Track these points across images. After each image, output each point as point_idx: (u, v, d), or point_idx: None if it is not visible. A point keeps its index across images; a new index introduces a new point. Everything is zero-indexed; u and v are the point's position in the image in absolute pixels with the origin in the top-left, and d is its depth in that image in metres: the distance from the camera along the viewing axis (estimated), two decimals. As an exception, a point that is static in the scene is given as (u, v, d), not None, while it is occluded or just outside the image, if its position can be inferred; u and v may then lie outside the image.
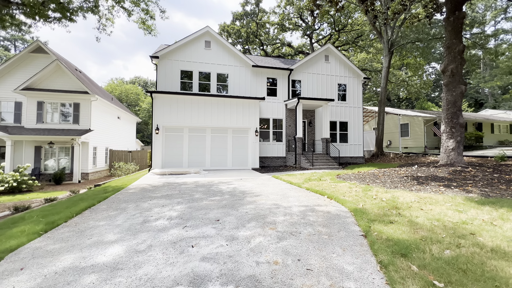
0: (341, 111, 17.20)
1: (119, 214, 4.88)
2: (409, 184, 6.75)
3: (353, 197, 5.65)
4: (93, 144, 16.50)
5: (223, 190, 7.21)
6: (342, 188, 6.82)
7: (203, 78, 14.90)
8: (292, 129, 16.06)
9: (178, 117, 12.94)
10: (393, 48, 17.93)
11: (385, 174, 8.94)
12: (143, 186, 8.41)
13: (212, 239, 3.40)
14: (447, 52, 9.33)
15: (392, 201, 5.04)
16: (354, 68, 17.43)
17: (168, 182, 9.02)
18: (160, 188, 7.88)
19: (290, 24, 27.48)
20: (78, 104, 15.75)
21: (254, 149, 13.84)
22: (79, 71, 19.18)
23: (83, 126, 15.71)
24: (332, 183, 7.75)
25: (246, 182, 8.88)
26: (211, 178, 9.85)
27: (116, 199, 6.36)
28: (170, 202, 5.81)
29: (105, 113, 18.58)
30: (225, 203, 5.53)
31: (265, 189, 7.34)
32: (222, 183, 8.74)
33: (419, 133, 19.51)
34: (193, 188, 7.72)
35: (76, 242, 3.44)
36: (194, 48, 14.72)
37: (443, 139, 9.34)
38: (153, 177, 10.44)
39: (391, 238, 3.18)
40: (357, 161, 17.08)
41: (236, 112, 13.79)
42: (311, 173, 10.89)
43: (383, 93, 18.39)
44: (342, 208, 4.88)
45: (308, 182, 8.14)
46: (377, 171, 10.08)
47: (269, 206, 5.21)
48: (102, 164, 18.17)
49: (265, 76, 15.90)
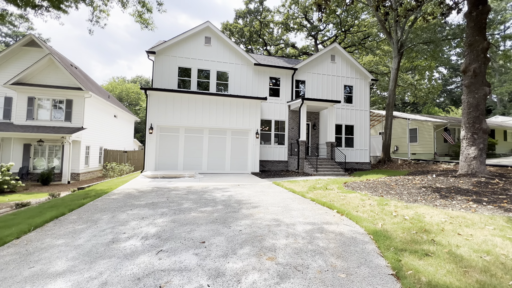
0: (347, 114, 16.32)
1: (87, 228, 4.04)
2: (431, 198, 5.85)
3: (368, 213, 4.77)
4: (86, 143, 15.73)
5: (217, 199, 6.36)
6: (353, 200, 5.93)
7: (202, 76, 14.12)
8: (295, 131, 15.20)
9: (174, 116, 12.13)
10: (402, 49, 17.07)
11: (398, 184, 8.04)
12: (129, 191, 7.58)
13: (190, 275, 2.54)
14: (468, 51, 8.45)
15: (417, 221, 4.15)
16: (361, 69, 16.58)
17: (158, 187, 8.19)
18: (147, 194, 7.04)
19: (295, 24, 26.70)
20: (71, 100, 15.01)
21: (254, 152, 12.99)
22: (74, 67, 18.49)
23: (76, 124, 14.96)
24: (340, 193, 6.86)
25: (244, 189, 8.02)
26: (206, 183, 9.00)
27: (93, 207, 5.52)
28: (153, 213, 4.96)
29: (100, 111, 17.85)
30: (217, 217, 4.67)
31: (264, 198, 6.47)
32: (217, 189, 7.88)
33: (428, 139, 18.56)
34: (183, 195, 6.87)
35: (9, 273, 2.59)
36: (193, 44, 13.96)
37: (463, 146, 8.43)
38: (143, 180, 9.61)
39: (435, 283, 2.30)
40: (363, 167, 16.16)
41: (236, 113, 12.96)
42: (315, 180, 10.01)
43: (391, 96, 17.50)
44: (357, 228, 4.00)
45: (313, 191, 7.27)
46: (388, 180, 9.18)
47: (268, 222, 4.34)
48: (96, 164, 17.39)
49: (267, 76, 15.09)
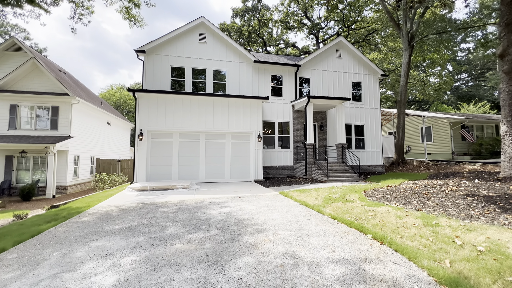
0: (356, 113, 15.02)
1: (16, 279, 2.76)
2: (488, 211, 4.51)
3: (417, 239, 3.44)
4: (75, 152, 14.54)
5: (212, 218, 5.06)
6: (387, 217, 4.61)
7: (197, 76, 12.94)
8: (300, 133, 13.91)
9: (167, 121, 10.92)
10: (413, 41, 15.83)
11: (431, 191, 6.69)
12: (108, 209, 6.31)
13: None
14: (506, 31, 7.18)
15: (501, 254, 2.82)
16: (370, 64, 15.34)
17: (144, 203, 6.91)
18: (128, 213, 5.77)
19: (295, 22, 25.62)
20: (57, 107, 13.87)
21: (256, 158, 11.70)
22: (63, 72, 17.46)
23: (62, 132, 13.79)
24: (365, 206, 5.53)
25: (246, 202, 6.71)
26: (202, 196, 7.71)
27: (50, 236, 4.26)
28: (124, 244, 3.68)
29: (91, 118, 16.72)
30: (208, 250, 3.38)
31: (271, 216, 5.16)
32: (214, 204, 6.58)
33: (445, 138, 17.17)
34: (172, 213, 5.58)
35: None
36: (186, 41, 12.83)
37: (505, 143, 7.09)
38: (129, 194, 8.34)
39: None
40: (376, 170, 14.78)
41: (235, 114, 11.73)
42: (328, 187, 8.67)
43: (403, 93, 16.19)
44: (415, 269, 2.68)
45: (331, 204, 5.94)
46: (415, 185, 7.83)
47: (280, 259, 3.04)
48: (87, 175, 16.17)
49: (268, 74, 13.89)
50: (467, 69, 43.05)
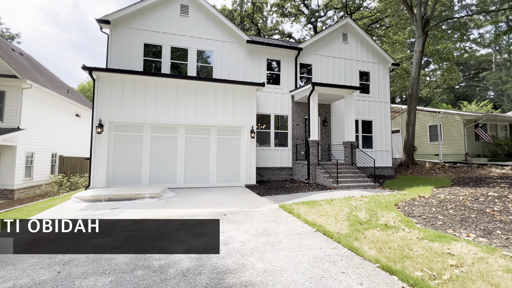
0: (364, 107, 13.08)
1: None
2: None
3: None
4: (27, 148, 11.91)
5: (172, 267, 2.84)
6: (483, 270, 2.55)
7: (177, 57, 10.60)
8: (300, 129, 11.84)
9: (136, 110, 8.57)
10: (427, 27, 14.01)
11: (495, 209, 4.73)
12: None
13: None
14: None
15: None
16: (380, 51, 13.40)
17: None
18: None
19: (293, 8, 23.48)
20: (3, 92, 11.20)
21: (249, 157, 9.54)
22: (20, 53, 14.67)
23: (9, 124, 11.14)
24: (423, 239, 3.48)
25: (234, 225, 4.54)
26: (172, 211, 5.48)
27: None
28: None
29: (53, 107, 14.05)
30: None
31: (275, 260, 3.01)
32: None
33: (456, 137, 15.53)
34: (107, 253, 3.34)
35: None
36: (164, 14, 10.44)
37: None
38: (74, 206, 6.00)
39: None
40: (385, 172, 12.91)
41: (223, 104, 9.50)
42: (344, 198, 6.60)
43: (414, 85, 14.37)
44: None
45: (363, 232, 3.86)
46: (459, 197, 5.88)
47: None
48: (46, 175, 13.52)
49: (264, 58, 11.70)
50: (462, 69, 42.39)
